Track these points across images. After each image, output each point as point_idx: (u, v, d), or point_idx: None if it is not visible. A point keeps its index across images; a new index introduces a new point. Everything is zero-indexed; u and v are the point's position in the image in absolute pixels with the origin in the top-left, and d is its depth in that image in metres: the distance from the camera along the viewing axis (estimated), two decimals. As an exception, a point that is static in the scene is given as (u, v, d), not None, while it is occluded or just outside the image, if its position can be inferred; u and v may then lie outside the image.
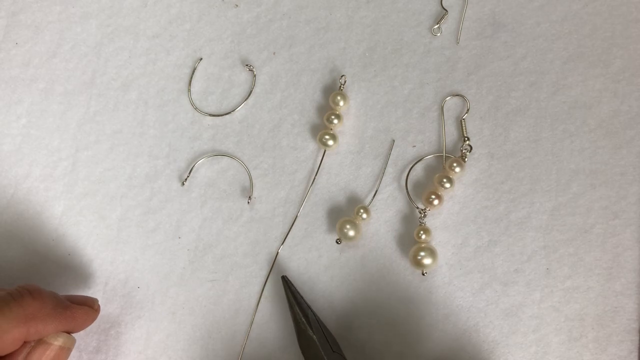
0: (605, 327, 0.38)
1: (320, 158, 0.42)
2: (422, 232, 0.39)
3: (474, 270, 0.39)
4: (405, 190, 0.41)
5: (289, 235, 0.41)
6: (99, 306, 0.38)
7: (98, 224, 0.42)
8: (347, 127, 0.42)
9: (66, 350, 0.35)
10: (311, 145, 0.42)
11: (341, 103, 0.41)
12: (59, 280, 0.41)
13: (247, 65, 0.44)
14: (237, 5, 0.45)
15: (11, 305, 0.33)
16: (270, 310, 0.40)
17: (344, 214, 0.41)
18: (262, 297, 0.40)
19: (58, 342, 0.35)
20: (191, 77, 0.44)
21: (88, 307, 0.37)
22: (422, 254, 0.38)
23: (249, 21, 0.44)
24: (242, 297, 0.40)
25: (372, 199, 0.41)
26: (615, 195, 0.39)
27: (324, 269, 0.40)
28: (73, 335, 0.36)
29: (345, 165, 0.42)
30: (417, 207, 0.40)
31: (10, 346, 0.33)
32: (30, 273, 0.41)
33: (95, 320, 0.39)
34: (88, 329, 0.39)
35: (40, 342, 0.34)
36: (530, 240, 0.39)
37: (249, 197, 0.41)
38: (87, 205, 0.42)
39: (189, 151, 0.43)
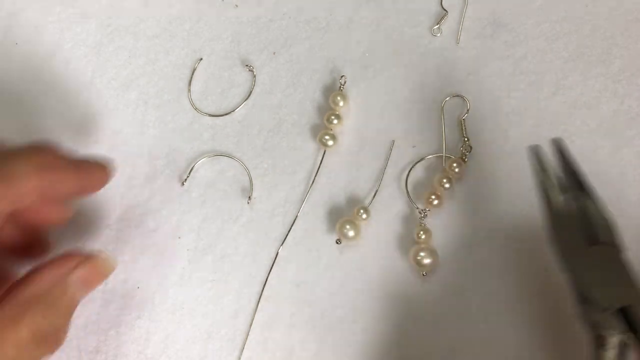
0: (606, 327, 0.38)
1: (320, 158, 0.42)
2: (422, 232, 0.39)
3: (474, 270, 0.39)
4: (405, 191, 0.41)
5: (289, 235, 0.41)
6: (113, 167, 0.36)
7: (98, 224, 0.42)
8: (347, 127, 0.42)
9: (101, 274, 0.34)
10: (311, 145, 0.42)
11: (341, 103, 0.41)
12: (59, 280, 0.41)
13: (247, 65, 0.44)
14: (237, 6, 0.45)
15: (27, 152, 0.31)
16: (271, 311, 0.40)
17: (344, 214, 0.41)
18: (262, 297, 0.40)
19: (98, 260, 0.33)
20: (191, 77, 0.44)
21: (104, 165, 0.36)
22: (422, 254, 0.38)
23: (249, 21, 0.44)
24: (242, 297, 0.40)
25: (372, 199, 0.41)
26: (615, 195, 0.39)
27: (324, 269, 0.40)
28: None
29: (345, 165, 0.42)
30: (417, 207, 0.40)
31: (25, 197, 0.30)
32: (30, 273, 0.41)
33: (95, 321, 0.39)
34: (88, 329, 0.39)
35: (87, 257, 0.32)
36: (530, 240, 0.39)
37: (249, 197, 0.41)
38: (87, 205, 0.42)
39: (188, 151, 0.43)
